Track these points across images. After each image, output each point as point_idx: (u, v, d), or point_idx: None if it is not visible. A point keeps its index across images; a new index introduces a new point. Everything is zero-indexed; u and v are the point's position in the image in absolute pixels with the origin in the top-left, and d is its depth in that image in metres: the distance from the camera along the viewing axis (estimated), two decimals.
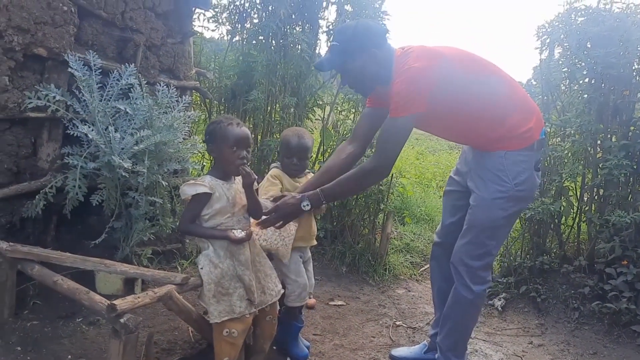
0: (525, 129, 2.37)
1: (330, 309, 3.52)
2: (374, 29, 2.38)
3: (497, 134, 2.38)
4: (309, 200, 2.37)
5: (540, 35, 4.07)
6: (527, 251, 4.14)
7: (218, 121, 2.35)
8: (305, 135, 2.77)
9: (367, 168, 2.36)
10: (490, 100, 2.36)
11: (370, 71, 2.36)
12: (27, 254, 2.61)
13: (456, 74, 2.30)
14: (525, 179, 2.39)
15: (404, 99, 2.23)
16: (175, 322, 2.91)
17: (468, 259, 2.48)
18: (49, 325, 2.73)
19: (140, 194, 2.98)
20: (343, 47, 2.33)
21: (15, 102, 2.74)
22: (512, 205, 2.42)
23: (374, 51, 2.33)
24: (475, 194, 2.47)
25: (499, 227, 2.47)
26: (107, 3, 3.17)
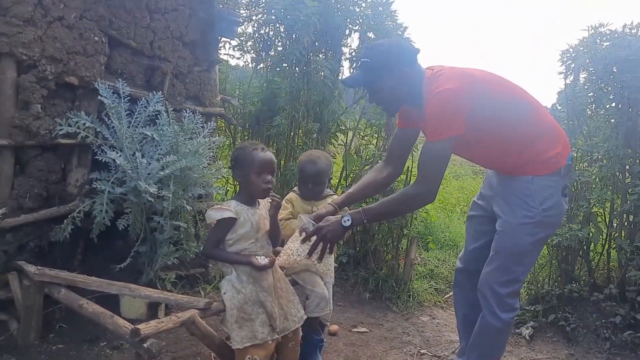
0: (552, 154, 2.34)
1: (353, 336, 3.47)
2: (407, 48, 2.36)
3: (525, 159, 2.35)
4: (350, 217, 2.30)
5: (564, 60, 4.05)
6: (555, 278, 4.04)
7: (243, 147, 2.38)
8: (319, 159, 2.75)
9: (411, 193, 2.33)
10: (518, 125, 2.33)
11: (400, 91, 2.33)
12: (54, 278, 2.65)
13: (487, 97, 2.28)
14: (552, 205, 2.35)
15: (441, 122, 2.20)
16: (197, 347, 2.91)
17: (496, 286, 2.43)
18: (74, 349, 2.76)
19: (165, 219, 3.01)
20: (374, 65, 2.29)
21: (47, 129, 2.83)
22: (540, 231, 2.38)
23: (405, 70, 2.30)
24: (502, 219, 2.43)
25: (526, 253, 2.42)
26: (136, 33, 3.27)
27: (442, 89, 2.19)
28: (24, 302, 2.69)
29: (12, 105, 2.73)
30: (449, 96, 2.18)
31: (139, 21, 3.26)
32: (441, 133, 2.20)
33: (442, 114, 2.19)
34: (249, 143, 2.42)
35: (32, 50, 2.72)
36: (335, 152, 4.99)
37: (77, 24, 2.91)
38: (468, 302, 2.74)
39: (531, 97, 2.43)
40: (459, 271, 2.83)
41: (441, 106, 2.19)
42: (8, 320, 2.80)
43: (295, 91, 4.36)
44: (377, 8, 4.50)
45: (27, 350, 2.68)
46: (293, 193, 2.85)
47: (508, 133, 2.33)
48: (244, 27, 4.78)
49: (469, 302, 2.73)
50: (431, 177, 2.26)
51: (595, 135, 3.95)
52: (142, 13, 3.28)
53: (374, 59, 2.30)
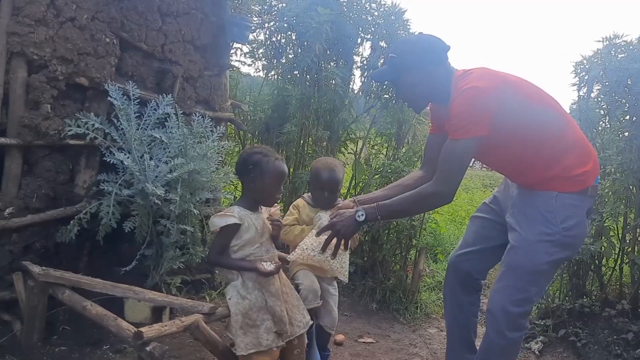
0: (580, 171, 2.22)
1: (359, 347, 3.42)
2: (435, 46, 2.27)
3: (552, 173, 2.23)
4: (364, 211, 2.23)
5: (578, 72, 4.00)
6: (565, 293, 3.97)
7: (263, 153, 2.31)
8: (336, 167, 2.72)
9: (428, 191, 2.23)
10: (550, 135, 2.22)
11: (422, 89, 2.27)
12: (59, 279, 2.63)
13: (518, 101, 2.17)
14: (574, 225, 2.21)
15: (465, 120, 2.11)
16: (201, 353, 2.87)
17: (508, 305, 2.25)
18: (77, 352, 2.73)
19: (172, 222, 2.99)
20: (400, 61, 2.25)
21: (56, 130, 2.82)
22: (558, 251, 2.23)
23: (431, 68, 2.24)
24: (517, 233, 2.29)
25: (542, 273, 2.27)
26: (148, 36, 3.27)
27: (470, 86, 2.12)
28: (28, 302, 2.67)
29: (22, 105, 2.72)
30: (476, 94, 2.10)
31: (151, 24, 3.27)
32: (465, 132, 2.12)
33: (468, 112, 2.10)
34: (265, 149, 2.35)
35: (43, 50, 2.72)
36: (345, 160, 4.96)
37: (89, 25, 2.91)
38: (457, 302, 2.64)
39: (562, 108, 2.33)
40: (450, 267, 2.69)
41: (467, 103, 2.10)
42: (12, 320, 2.78)
43: (305, 99, 4.34)
44: (389, 17, 4.49)
45: (30, 352, 2.65)
46: (301, 199, 2.82)
47: (535, 142, 2.22)
48: (255, 34, 4.78)
49: (458, 303, 2.64)
50: (451, 177, 2.18)
51: (609, 148, 3.89)
52: (154, 16, 3.28)
53: (399, 54, 2.26)
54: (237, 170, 2.39)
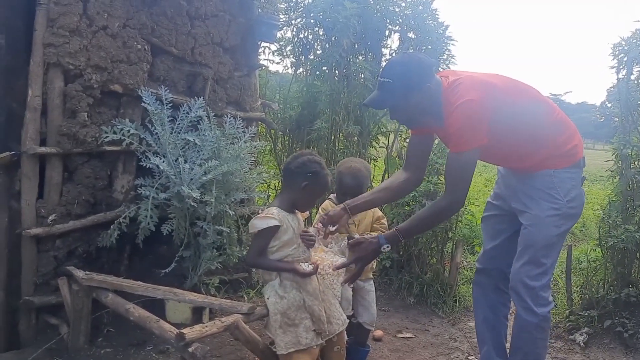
0: (571, 146, 2.39)
1: (398, 342, 3.40)
2: (426, 63, 2.29)
3: (545, 155, 2.36)
4: (387, 241, 2.34)
5: (616, 54, 3.86)
6: (610, 282, 3.85)
7: (321, 164, 2.34)
8: (359, 172, 2.72)
9: (441, 205, 2.36)
10: (538, 126, 2.36)
11: (422, 107, 2.29)
12: (102, 283, 2.70)
13: (507, 104, 2.28)
14: (575, 196, 2.38)
15: (466, 134, 2.20)
16: (242, 352, 2.90)
17: (528, 280, 2.39)
18: (121, 353, 2.80)
19: (208, 224, 3.03)
20: (397, 85, 2.22)
21: (93, 137, 2.89)
22: (564, 223, 2.39)
23: (427, 86, 2.25)
24: (528, 214, 2.42)
25: (554, 245, 2.41)
26: (177, 40, 3.31)
27: (464, 100, 2.18)
28: (73, 306, 2.74)
29: (59, 114, 2.80)
30: (473, 107, 2.17)
31: (180, 28, 3.30)
32: (468, 144, 2.22)
33: (467, 125, 2.19)
34: (323, 162, 2.37)
35: (78, 60, 2.78)
36: (377, 154, 4.92)
37: (121, 32, 2.97)
38: (489, 303, 2.71)
39: (543, 96, 2.47)
40: (479, 272, 2.78)
41: (465, 118, 2.19)
42: (59, 324, 2.87)
43: (335, 94, 4.32)
44: (417, 7, 4.43)
45: (77, 354, 2.73)
46: (329, 201, 2.83)
47: (529, 136, 2.35)
48: (283, 32, 4.78)
49: (489, 303, 2.71)
50: (459, 188, 2.29)
51: None
52: (183, 20, 3.32)
53: (396, 79, 2.23)
54: (290, 171, 2.35)
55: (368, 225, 2.82)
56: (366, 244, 2.36)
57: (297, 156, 2.39)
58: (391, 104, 2.30)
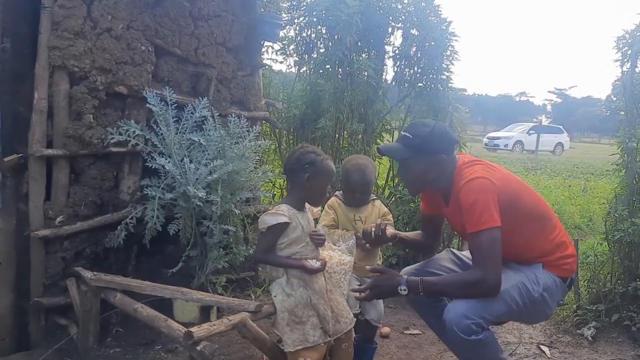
0: (565, 254, 2.33)
1: (406, 338, 3.40)
2: (449, 137, 2.33)
3: (539, 254, 2.32)
4: (408, 286, 2.21)
5: (620, 47, 3.85)
6: (618, 276, 3.84)
7: (316, 152, 2.34)
8: (367, 169, 2.72)
9: (470, 279, 2.17)
10: (542, 225, 2.33)
11: (430, 175, 2.31)
12: (110, 283, 2.72)
13: (516, 195, 2.27)
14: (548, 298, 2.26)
15: (478, 209, 2.13)
16: (249, 350, 2.92)
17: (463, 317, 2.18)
18: (130, 353, 2.81)
19: (215, 223, 3.04)
20: (414, 143, 2.28)
21: (99, 138, 2.91)
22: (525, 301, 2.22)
23: (442, 157, 2.28)
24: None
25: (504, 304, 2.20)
26: (181, 41, 3.32)
27: (476, 177, 2.18)
28: (82, 307, 2.77)
29: (65, 116, 2.82)
30: (485, 184, 2.16)
31: (184, 29, 3.32)
32: (483, 222, 2.12)
33: (479, 202, 2.13)
34: (318, 150, 2.40)
35: (83, 62, 2.80)
36: None
37: (125, 34, 2.98)
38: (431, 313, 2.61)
39: (553, 214, 2.45)
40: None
41: (476, 193, 2.15)
42: (68, 324, 2.89)
43: (339, 92, 4.33)
44: (419, 4, 4.42)
45: (87, 354, 2.75)
46: (335, 198, 2.83)
47: (530, 231, 2.30)
48: (285, 31, 4.79)
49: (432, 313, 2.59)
50: (489, 264, 2.12)
51: None
52: (186, 21, 3.33)
53: (415, 137, 2.29)
54: (289, 169, 2.38)
55: (375, 221, 2.82)
56: (388, 276, 2.30)
57: (292, 154, 2.43)
58: (403, 157, 2.33)
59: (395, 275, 2.30)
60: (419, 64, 4.56)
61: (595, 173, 12.94)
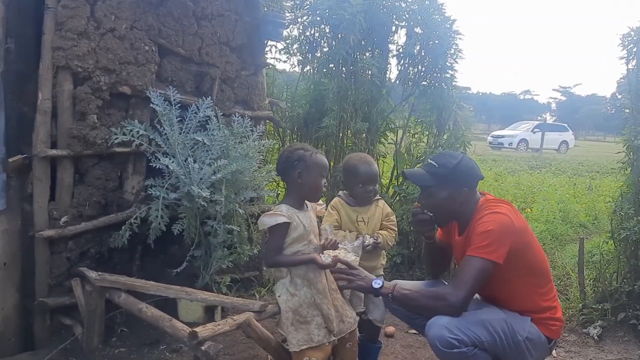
0: (556, 316, 2.35)
1: (410, 337, 3.40)
2: (474, 172, 2.37)
3: (530, 310, 2.30)
4: (382, 284, 2.27)
5: (625, 45, 3.83)
6: (624, 275, 3.82)
7: (304, 148, 2.35)
8: (372, 160, 2.78)
9: (445, 291, 2.21)
10: (542, 282, 2.35)
11: (450, 206, 2.33)
12: (114, 283, 2.72)
13: (528, 244, 2.28)
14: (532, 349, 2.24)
15: (488, 238, 2.14)
16: (254, 350, 2.92)
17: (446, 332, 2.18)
18: (135, 353, 2.82)
19: (219, 223, 3.04)
20: (439, 172, 2.31)
21: (103, 139, 2.91)
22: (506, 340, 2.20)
23: (464, 190, 2.31)
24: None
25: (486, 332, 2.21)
26: (185, 40, 3.32)
27: (500, 212, 2.22)
28: (87, 307, 2.77)
29: (69, 117, 2.82)
30: (506, 220, 2.19)
31: (187, 29, 3.32)
32: (486, 252, 2.13)
33: (494, 232, 2.15)
34: (302, 145, 2.40)
35: (87, 63, 2.80)
36: (385, 151, 4.92)
37: (128, 34, 2.98)
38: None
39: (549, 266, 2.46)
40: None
41: (495, 224, 2.17)
42: (73, 324, 2.90)
43: (342, 91, 4.32)
44: (423, 2, 4.40)
45: (92, 354, 2.76)
46: (338, 199, 2.83)
47: (532, 284, 2.31)
48: (289, 30, 4.79)
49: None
50: (466, 288, 2.13)
51: None
52: (190, 20, 3.33)
53: (441, 166, 2.32)
54: (281, 169, 2.40)
55: (378, 222, 2.82)
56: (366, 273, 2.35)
57: (281, 154, 2.45)
58: (425, 184, 2.35)
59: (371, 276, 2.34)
60: (423, 62, 4.54)
61: (600, 171, 12.88)
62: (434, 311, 2.16)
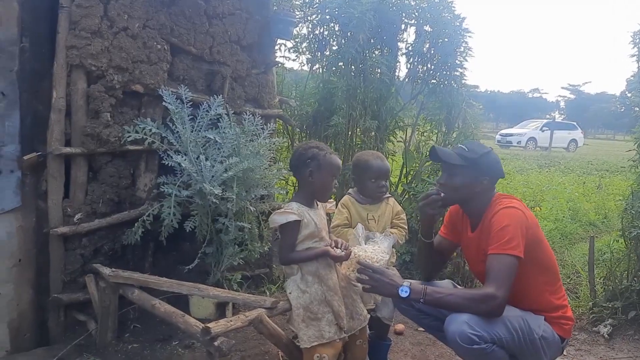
0: (568, 315, 2.36)
1: (420, 335, 3.41)
2: (498, 167, 2.40)
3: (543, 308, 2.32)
4: (410, 290, 2.17)
5: (636, 42, 3.82)
6: (634, 273, 3.81)
7: (318, 147, 2.37)
8: (383, 156, 2.82)
9: (486, 292, 2.12)
10: (552, 278, 2.37)
11: (469, 191, 2.34)
12: (128, 279, 2.75)
13: (540, 240, 2.32)
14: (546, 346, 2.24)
15: (508, 234, 2.15)
16: (265, 346, 2.94)
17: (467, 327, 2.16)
18: (148, 348, 2.85)
19: (230, 220, 3.07)
20: (468, 155, 2.33)
21: (116, 137, 2.94)
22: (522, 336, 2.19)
23: (485, 181, 2.33)
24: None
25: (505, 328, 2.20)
26: (196, 39, 3.34)
27: (512, 206, 2.24)
28: (100, 303, 2.80)
29: (83, 115, 2.85)
30: (519, 215, 2.21)
31: (199, 27, 3.34)
32: (509, 247, 2.13)
33: (510, 227, 2.16)
34: (317, 144, 2.42)
35: (100, 61, 2.83)
36: (394, 149, 4.93)
37: (141, 33, 3.01)
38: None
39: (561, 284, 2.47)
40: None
41: (510, 219, 2.18)
42: (87, 320, 2.93)
43: (351, 89, 4.33)
44: (433, 0, 4.41)
45: (105, 350, 2.79)
46: (348, 196, 2.84)
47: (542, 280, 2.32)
48: (298, 29, 4.80)
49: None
50: (502, 285, 2.10)
51: None
52: (201, 19, 3.35)
53: (470, 151, 2.35)
54: (293, 166, 2.42)
55: (388, 220, 2.83)
56: (394, 274, 2.31)
57: (295, 151, 2.47)
58: (453, 163, 2.35)
59: (400, 278, 2.28)
60: (432, 60, 4.55)
61: (609, 170, 12.81)
62: (475, 312, 2.11)
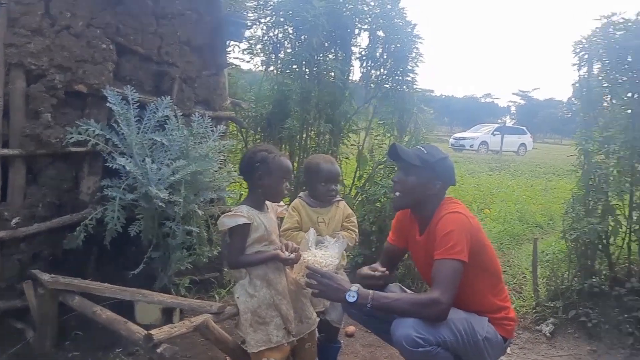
0: (510, 316, 2.42)
1: (371, 337, 3.42)
2: (452, 174, 2.47)
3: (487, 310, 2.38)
4: (358, 295, 2.18)
5: (577, 52, 3.96)
6: (574, 273, 3.95)
7: (267, 150, 2.35)
8: (334, 160, 2.83)
9: (431, 297, 2.17)
10: (496, 280, 2.44)
11: (420, 193, 2.39)
12: (68, 285, 2.66)
13: (483, 243, 2.37)
14: (490, 348, 2.30)
15: (452, 239, 2.20)
16: (213, 352, 2.90)
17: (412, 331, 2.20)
18: (90, 357, 2.77)
19: (177, 224, 3.01)
20: (424, 158, 2.38)
21: (58, 138, 2.85)
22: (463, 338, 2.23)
23: (438, 184, 2.39)
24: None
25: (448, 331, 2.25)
26: (144, 39, 3.28)
27: (456, 211, 2.30)
28: (39, 310, 2.70)
29: (22, 115, 2.75)
30: (463, 220, 2.27)
31: (146, 27, 3.28)
32: (454, 252, 2.18)
33: (455, 233, 2.21)
34: (267, 147, 2.41)
35: (41, 60, 2.74)
36: (347, 152, 4.96)
37: (85, 32, 2.93)
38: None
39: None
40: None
41: (454, 224, 2.24)
42: (24, 328, 2.82)
43: (306, 92, 4.34)
44: (385, 6, 4.47)
45: (44, 359, 2.69)
46: (299, 200, 2.84)
47: (486, 283, 2.39)
48: (252, 30, 4.77)
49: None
50: (447, 289, 2.15)
51: (612, 127, 3.86)
52: (149, 19, 3.29)
53: (429, 154, 2.40)
54: (243, 170, 2.40)
55: (338, 223, 2.84)
56: (343, 279, 2.32)
57: (244, 155, 2.47)
58: (411, 162, 2.39)
59: (348, 282, 2.28)
60: (385, 65, 4.61)
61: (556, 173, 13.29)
62: (420, 317, 2.15)
